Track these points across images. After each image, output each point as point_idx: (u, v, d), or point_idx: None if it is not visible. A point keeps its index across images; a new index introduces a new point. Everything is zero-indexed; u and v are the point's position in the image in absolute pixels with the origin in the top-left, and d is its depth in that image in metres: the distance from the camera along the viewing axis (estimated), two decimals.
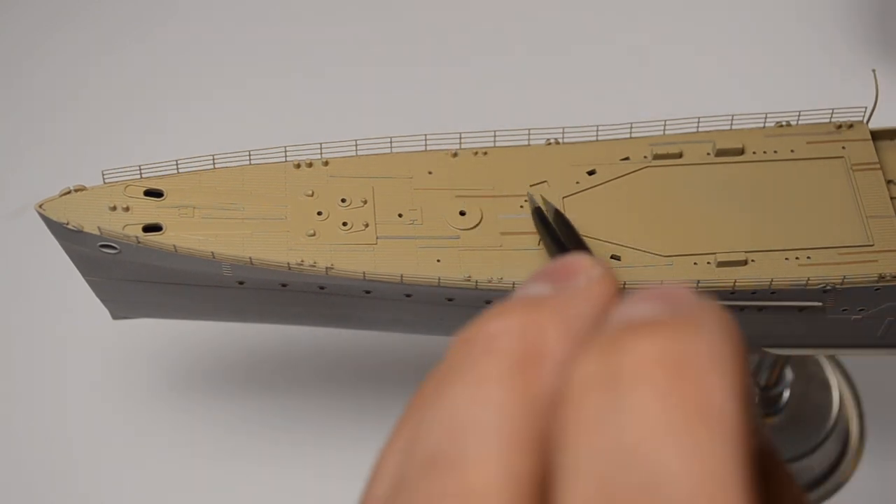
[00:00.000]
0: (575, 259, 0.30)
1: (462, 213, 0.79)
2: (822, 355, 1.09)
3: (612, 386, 0.24)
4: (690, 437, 0.23)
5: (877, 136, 0.85)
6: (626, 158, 0.83)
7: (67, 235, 0.75)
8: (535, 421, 0.25)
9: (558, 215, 0.78)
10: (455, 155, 0.82)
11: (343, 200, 0.79)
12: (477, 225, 0.79)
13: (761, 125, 0.85)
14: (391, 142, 0.81)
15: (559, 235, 0.75)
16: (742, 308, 0.80)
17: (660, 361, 0.24)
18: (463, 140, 0.83)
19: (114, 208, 0.75)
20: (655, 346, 0.25)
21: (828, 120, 0.85)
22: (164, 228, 0.75)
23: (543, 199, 0.79)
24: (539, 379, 0.26)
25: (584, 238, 0.79)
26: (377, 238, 0.77)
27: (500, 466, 0.25)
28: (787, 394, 1.06)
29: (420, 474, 0.25)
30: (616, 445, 0.23)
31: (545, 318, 0.27)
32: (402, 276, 0.75)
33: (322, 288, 0.78)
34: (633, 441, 0.23)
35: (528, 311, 0.28)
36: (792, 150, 0.84)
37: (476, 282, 0.76)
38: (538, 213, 0.78)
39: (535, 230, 0.79)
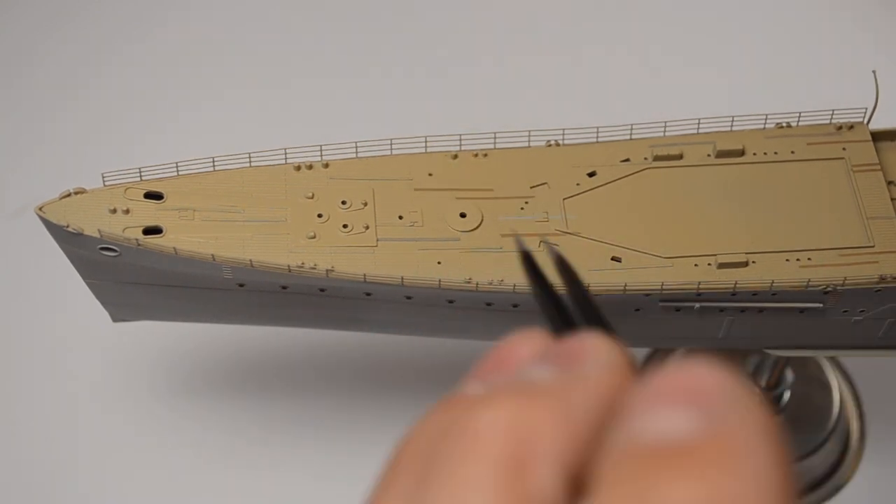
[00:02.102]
0: (585, 340, 0.27)
1: (462, 215, 0.79)
2: (822, 356, 1.09)
3: None
4: None
5: (877, 137, 0.85)
6: (627, 160, 0.83)
7: (67, 238, 0.75)
8: None
9: (561, 263, 0.70)
10: (455, 157, 0.82)
11: (343, 202, 0.78)
12: (477, 227, 0.79)
13: (762, 126, 0.85)
14: (391, 144, 0.81)
15: (552, 291, 0.67)
16: (743, 309, 0.80)
17: None
18: (463, 142, 0.83)
19: (114, 211, 0.75)
20: (694, 493, 0.21)
21: (828, 121, 0.85)
22: (164, 231, 0.75)
23: (545, 242, 0.75)
24: (533, 484, 0.23)
25: (587, 239, 0.78)
26: (378, 240, 0.77)
27: None
28: (787, 395, 1.06)
29: None
30: None
31: (541, 413, 0.24)
32: (402, 279, 0.75)
33: (322, 290, 0.78)
34: None
35: (522, 403, 0.25)
36: (792, 152, 0.84)
37: (477, 284, 0.76)
38: (527, 260, 0.70)
39: (536, 231, 0.79)
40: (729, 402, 0.23)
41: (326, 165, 0.80)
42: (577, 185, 0.81)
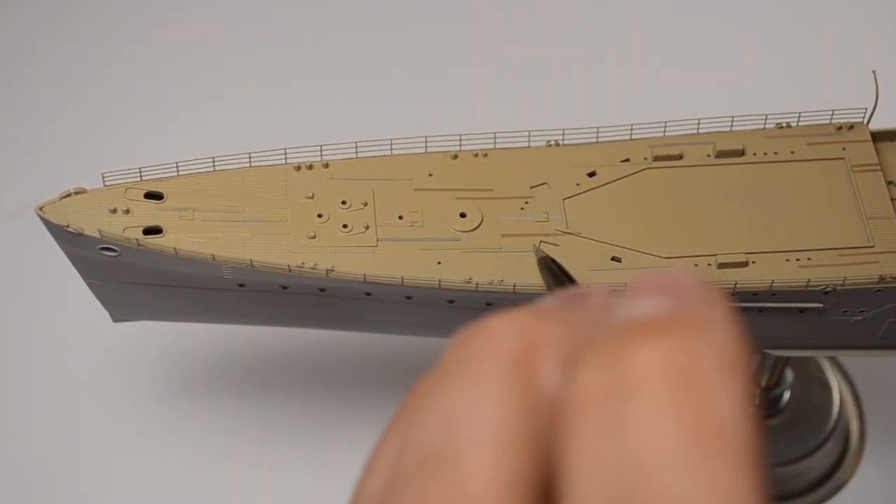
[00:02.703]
0: (591, 288, 0.30)
1: (462, 215, 0.79)
2: (822, 356, 1.09)
3: (616, 398, 0.23)
4: (701, 458, 0.22)
5: (877, 137, 0.85)
6: (627, 160, 0.83)
7: (68, 238, 0.75)
8: (534, 421, 0.25)
9: (549, 266, 0.76)
10: (455, 157, 0.82)
11: (343, 202, 0.79)
12: (477, 227, 0.79)
13: (762, 126, 0.85)
14: (391, 144, 0.81)
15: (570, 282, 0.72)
16: (743, 309, 0.80)
17: (665, 372, 0.23)
18: (463, 142, 0.83)
19: (114, 211, 0.75)
20: (659, 354, 0.23)
21: (828, 121, 0.85)
22: (164, 231, 0.75)
23: (536, 248, 0.77)
24: (538, 378, 0.25)
25: (587, 239, 0.79)
26: (378, 240, 0.77)
27: (496, 466, 0.24)
28: (787, 395, 1.06)
29: (414, 473, 0.25)
30: (623, 464, 0.22)
31: (547, 322, 0.27)
32: (402, 279, 0.75)
33: (323, 290, 0.78)
34: (640, 460, 0.22)
35: (532, 316, 0.27)
36: (792, 152, 0.84)
37: (477, 284, 0.76)
38: (545, 264, 0.75)
39: (536, 231, 0.79)
40: (699, 294, 0.26)
41: (326, 165, 0.80)
42: (577, 185, 0.82)
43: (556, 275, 0.73)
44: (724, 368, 0.24)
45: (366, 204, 0.79)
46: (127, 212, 0.75)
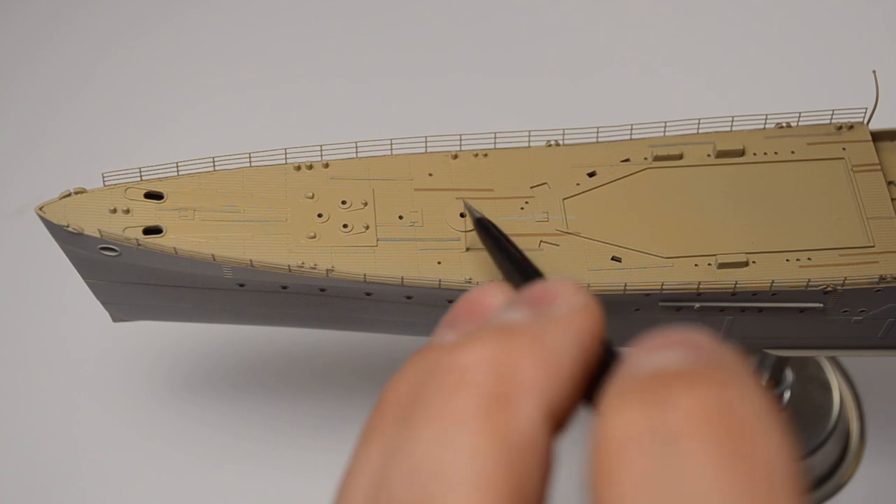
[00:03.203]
0: (555, 284, 0.28)
1: (463, 215, 0.79)
2: (822, 356, 1.09)
3: (662, 442, 0.23)
4: (755, 500, 0.22)
5: (877, 137, 0.85)
6: (627, 160, 0.83)
7: (68, 238, 0.75)
8: (514, 466, 0.24)
9: (482, 224, 0.73)
10: (455, 157, 0.82)
11: (343, 202, 0.79)
12: None
13: (762, 126, 0.85)
14: (391, 143, 0.81)
15: (510, 246, 0.68)
16: (743, 309, 0.80)
17: (708, 418, 0.23)
18: (463, 142, 0.83)
19: (114, 211, 0.75)
20: (700, 401, 0.23)
21: (828, 121, 0.85)
22: (164, 231, 0.75)
23: (466, 203, 0.77)
24: (515, 418, 0.24)
25: (587, 239, 0.79)
26: (378, 240, 0.77)
27: None
28: (787, 395, 1.06)
29: None
30: None
31: (521, 350, 0.26)
32: (402, 279, 0.75)
33: (323, 290, 0.78)
34: (693, 502, 0.22)
35: (502, 341, 0.26)
36: (792, 152, 0.84)
37: (477, 284, 0.76)
38: (481, 224, 0.73)
39: (536, 231, 0.79)
40: (714, 348, 0.25)
41: (327, 165, 0.80)
42: (577, 185, 0.82)
43: (498, 240, 0.69)
44: (763, 412, 0.24)
45: (366, 204, 0.79)
46: (127, 212, 0.75)
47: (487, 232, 0.71)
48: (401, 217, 0.78)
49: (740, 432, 0.23)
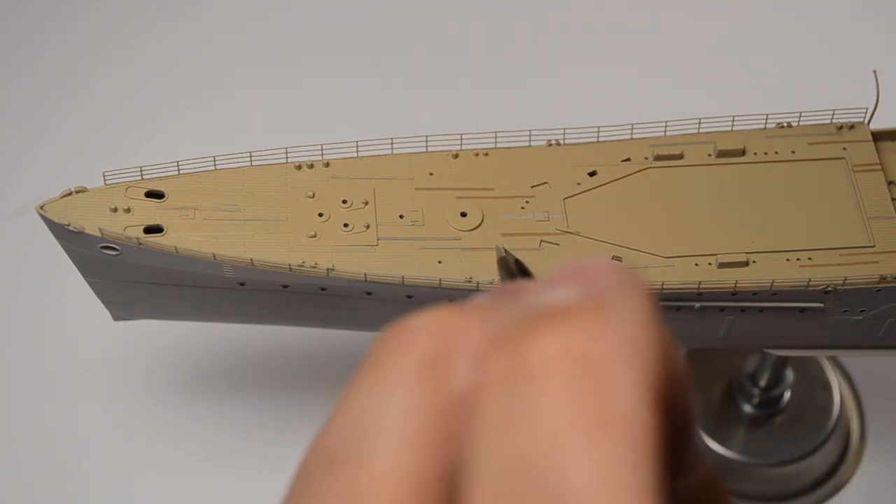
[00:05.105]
0: (526, 282, 0.29)
1: (463, 215, 0.79)
2: (822, 356, 1.09)
3: (516, 386, 0.23)
4: (594, 447, 0.22)
5: (878, 137, 0.85)
6: (628, 159, 0.83)
7: (68, 237, 0.75)
8: (444, 420, 0.24)
9: (507, 265, 0.72)
10: (456, 156, 0.82)
11: (344, 202, 0.79)
12: (478, 226, 0.79)
13: (762, 126, 0.85)
14: (392, 143, 0.81)
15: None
16: (743, 309, 0.80)
17: (565, 358, 0.23)
18: (464, 141, 0.83)
19: (115, 209, 0.75)
20: (561, 341, 0.23)
21: (829, 121, 0.85)
22: (165, 230, 0.75)
23: (499, 246, 0.75)
24: (451, 376, 0.25)
25: (588, 239, 0.79)
26: (378, 239, 0.77)
27: (393, 465, 0.24)
28: (787, 395, 1.06)
29: (320, 474, 0.25)
30: (519, 453, 0.22)
31: (467, 319, 0.26)
32: (403, 278, 0.75)
33: (323, 289, 0.78)
34: (535, 450, 0.22)
35: (451, 313, 0.26)
36: (793, 151, 0.84)
37: (478, 283, 0.76)
38: (503, 263, 0.72)
39: (537, 231, 0.79)
40: (613, 281, 0.25)
41: (327, 164, 0.80)
42: (578, 184, 0.82)
43: (513, 275, 0.70)
44: (629, 355, 0.23)
45: (366, 203, 0.79)
46: (128, 210, 0.75)
47: (508, 272, 0.71)
48: (401, 216, 0.78)
49: (595, 373, 0.23)
